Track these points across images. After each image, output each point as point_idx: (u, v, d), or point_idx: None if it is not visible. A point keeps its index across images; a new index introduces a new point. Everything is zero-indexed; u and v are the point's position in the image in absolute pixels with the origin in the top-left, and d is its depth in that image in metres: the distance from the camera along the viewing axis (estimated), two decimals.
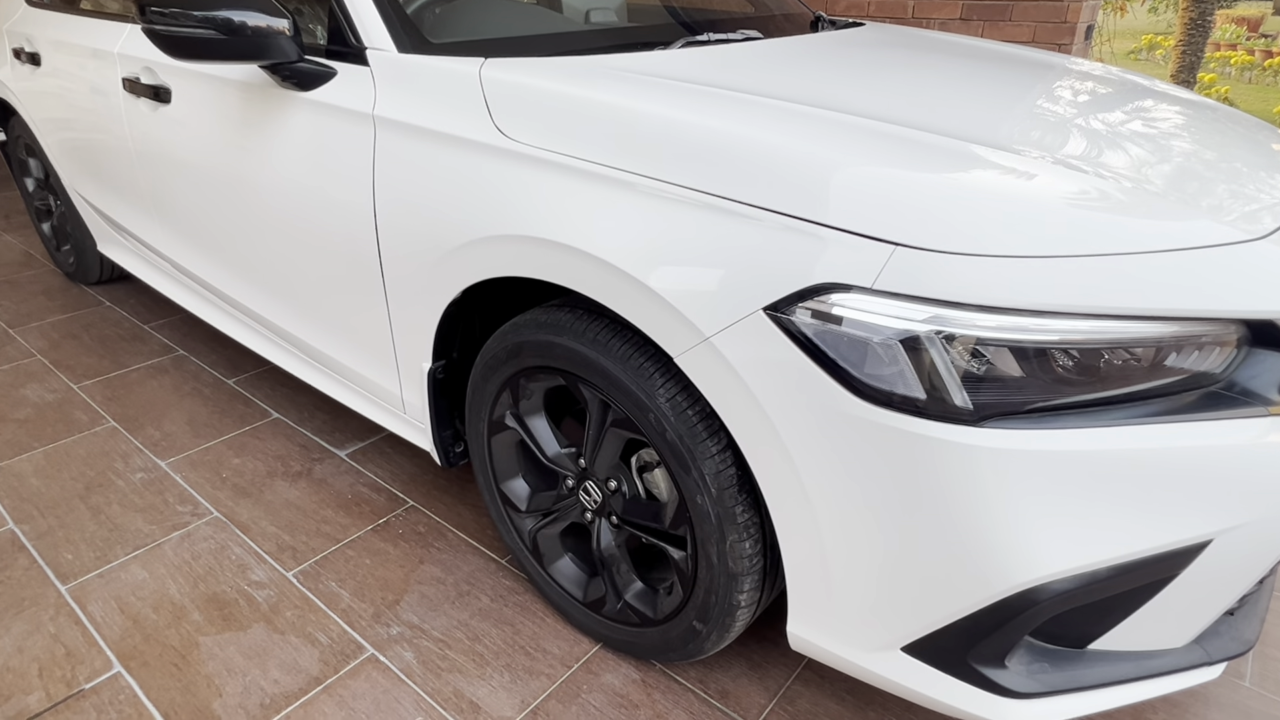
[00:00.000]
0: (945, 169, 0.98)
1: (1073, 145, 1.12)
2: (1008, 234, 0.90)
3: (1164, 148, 1.18)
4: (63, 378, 2.36)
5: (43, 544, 1.68)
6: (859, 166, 0.97)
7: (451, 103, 1.28)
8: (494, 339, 1.34)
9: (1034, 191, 0.96)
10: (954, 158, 1.01)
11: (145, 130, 1.97)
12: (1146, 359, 0.92)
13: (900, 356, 0.89)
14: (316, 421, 2.14)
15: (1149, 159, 1.13)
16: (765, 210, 0.97)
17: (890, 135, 1.05)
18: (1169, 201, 0.99)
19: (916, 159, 1.00)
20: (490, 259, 1.22)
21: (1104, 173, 1.04)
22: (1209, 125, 1.36)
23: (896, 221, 0.91)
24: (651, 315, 1.04)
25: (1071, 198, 0.96)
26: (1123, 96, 1.47)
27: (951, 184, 0.95)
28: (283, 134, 1.54)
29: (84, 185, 2.52)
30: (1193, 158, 1.16)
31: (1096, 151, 1.12)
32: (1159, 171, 1.09)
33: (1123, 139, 1.19)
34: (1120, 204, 0.97)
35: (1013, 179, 0.98)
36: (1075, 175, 1.01)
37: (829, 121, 1.08)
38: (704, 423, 1.09)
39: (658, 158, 1.06)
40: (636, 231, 1.04)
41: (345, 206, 1.44)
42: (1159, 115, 1.37)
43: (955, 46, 1.79)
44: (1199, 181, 1.08)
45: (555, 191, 1.13)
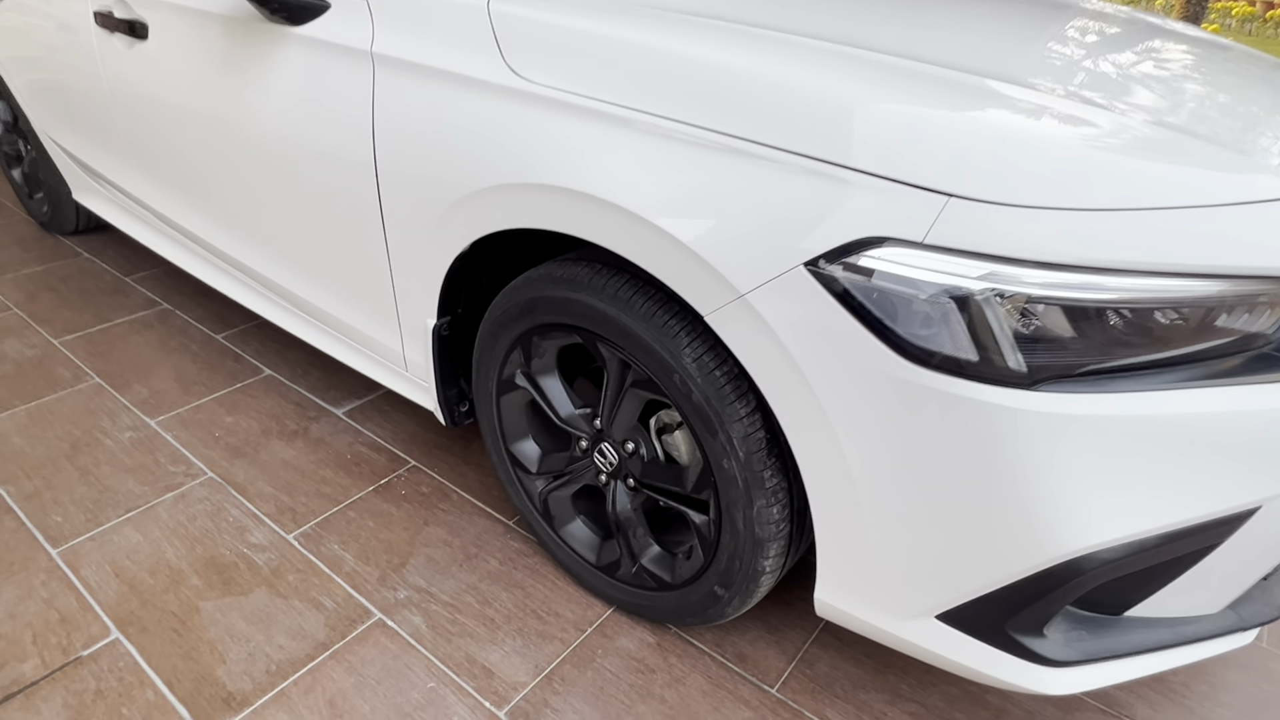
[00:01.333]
0: (999, 114, 0.91)
1: (1115, 87, 1.05)
2: (1068, 185, 0.84)
3: (1205, 92, 1.12)
4: (42, 332, 2.26)
5: (30, 506, 1.62)
6: (908, 111, 0.90)
7: (458, 39, 1.19)
8: (504, 294, 1.27)
9: (1086, 137, 0.89)
10: (998, 99, 0.94)
11: (120, 69, 1.85)
12: (1198, 319, 0.87)
13: (952, 316, 0.84)
14: (311, 379, 2.07)
15: (1193, 103, 1.06)
16: (808, 158, 0.90)
17: (939, 78, 0.98)
18: (1220, 150, 0.94)
19: (968, 103, 0.93)
20: (502, 209, 1.15)
21: (1150, 117, 0.97)
22: (1239, 68, 1.30)
23: (950, 170, 0.85)
24: (680, 271, 0.97)
25: (1124, 145, 0.90)
26: (1150, 38, 1.40)
27: (1008, 130, 0.88)
28: (271, 72, 1.44)
29: (56, 129, 2.39)
30: (1251, 108, 1.10)
31: (1140, 94, 1.05)
32: (1204, 116, 1.02)
33: (1163, 82, 1.12)
34: (1173, 152, 0.91)
35: (1071, 126, 0.91)
36: (1124, 119, 0.95)
37: (873, 63, 1.00)
38: (732, 384, 1.04)
39: (689, 100, 0.98)
40: (665, 180, 0.97)
41: (342, 153, 1.35)
42: (1191, 58, 1.31)
43: None
44: (1263, 134, 1.02)
45: (575, 136, 1.05)
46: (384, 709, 1.23)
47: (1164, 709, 1.27)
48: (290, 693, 1.25)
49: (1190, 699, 1.29)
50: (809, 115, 0.91)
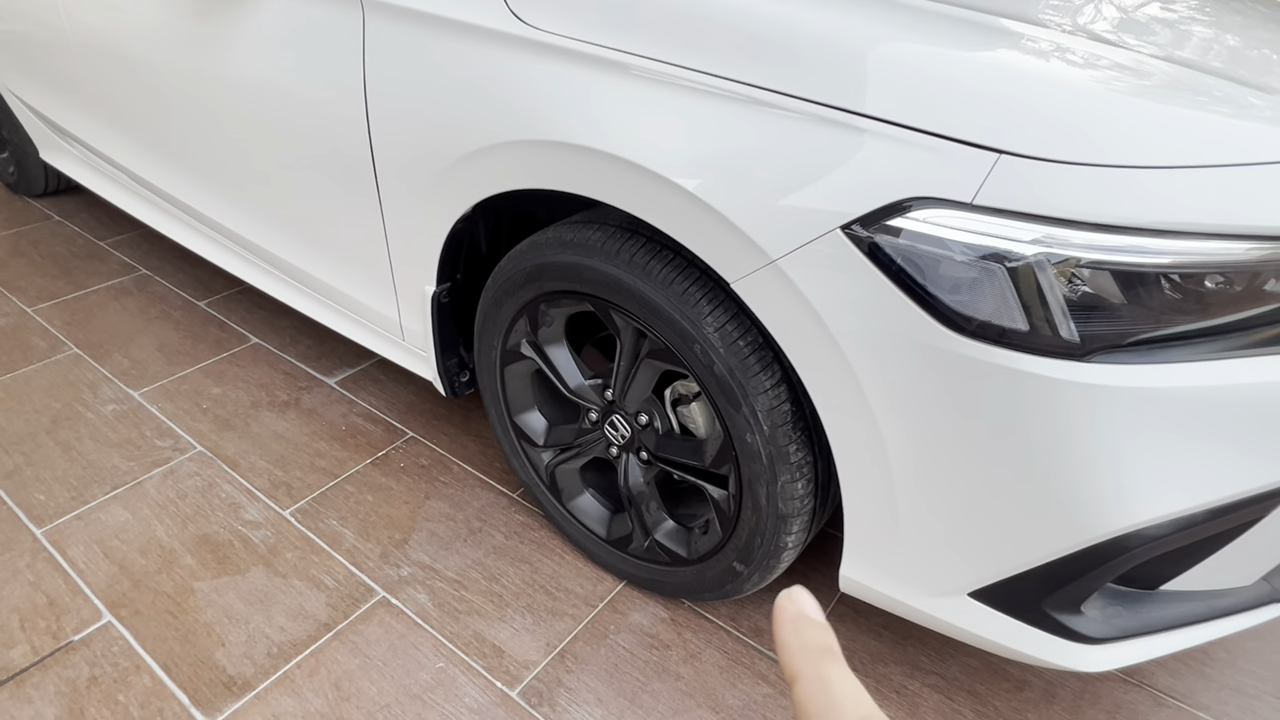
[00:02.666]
0: (1049, 64, 0.85)
1: (1188, 41, 0.99)
2: (1127, 141, 0.78)
3: (1267, 48, 1.06)
4: (14, 300, 2.16)
5: (10, 484, 1.55)
6: (954, 60, 0.83)
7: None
8: (509, 260, 1.20)
9: (1140, 89, 0.83)
10: (1057, 51, 0.88)
11: (86, 18, 1.73)
12: (1251, 284, 0.82)
13: (1003, 282, 0.78)
14: (300, 346, 1.99)
15: (1255, 58, 1.00)
16: (845, 111, 0.83)
17: (985, 25, 0.91)
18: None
19: (1017, 53, 0.86)
20: (507, 169, 1.07)
21: (1219, 73, 0.91)
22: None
23: (1001, 125, 0.78)
24: (706, 236, 0.91)
25: (1193, 100, 0.84)
26: None
27: (1059, 81, 0.82)
28: (251, 21, 1.34)
29: (19, 85, 2.25)
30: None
31: (1209, 51, 0.99)
32: (1268, 70, 0.96)
33: (1217, 32, 1.06)
34: (1241, 109, 0.85)
35: (1127, 77, 0.85)
36: (1194, 76, 0.89)
37: (918, 8, 0.93)
38: (756, 354, 0.98)
39: (712, 48, 0.91)
40: (689, 138, 0.90)
41: (330, 108, 1.26)
42: (1255, 11, 1.24)
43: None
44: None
45: (588, 89, 0.97)
46: (392, 690, 1.19)
47: (1184, 677, 1.26)
48: (294, 675, 1.21)
49: (1211, 666, 1.28)
50: (846, 65, 0.84)
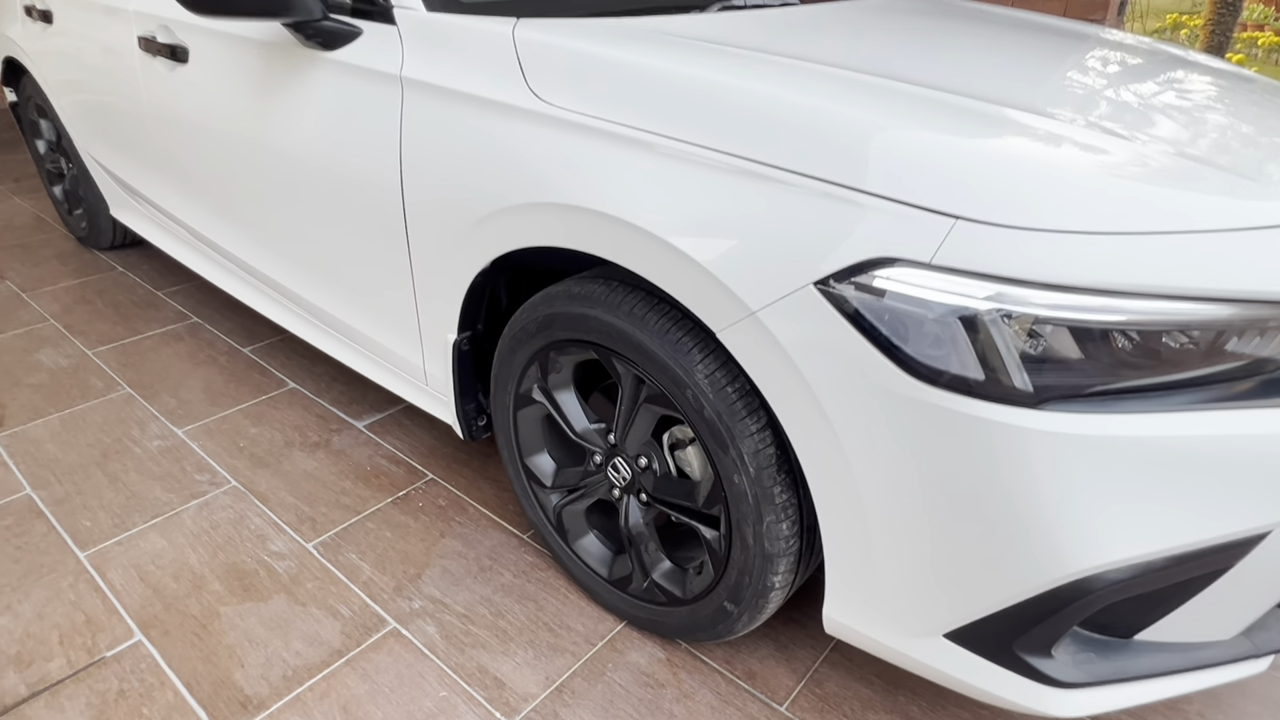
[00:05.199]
0: (1004, 138, 0.94)
1: (1133, 117, 1.07)
2: (1073, 208, 0.86)
3: (1226, 122, 1.13)
4: (77, 343, 2.33)
5: (60, 510, 1.67)
6: (914, 134, 0.92)
7: (483, 64, 1.24)
8: (523, 311, 1.30)
9: (1099, 164, 0.91)
10: (1012, 126, 0.97)
11: (161, 91, 1.93)
12: (1207, 342, 0.88)
13: (959, 335, 0.85)
14: (334, 392, 2.11)
15: (1213, 133, 1.08)
16: (816, 180, 0.92)
17: (944, 103, 1.00)
18: (1236, 178, 0.95)
19: (973, 127, 0.95)
20: (523, 227, 1.18)
21: (1167, 146, 0.99)
22: (1262, 99, 1.31)
23: (956, 193, 0.87)
24: (694, 288, 1.00)
25: (1137, 171, 0.92)
26: (1173, 68, 1.41)
27: (1013, 153, 0.91)
28: (305, 95, 1.50)
29: (97, 148, 2.48)
30: (1258, 132, 1.11)
31: (1158, 124, 1.07)
32: (1224, 146, 1.04)
33: (1183, 112, 1.14)
34: (1187, 179, 0.92)
35: (1076, 150, 0.93)
36: (1139, 148, 0.97)
37: (880, 88, 1.03)
38: (743, 400, 1.06)
39: (701, 123, 1.01)
40: (679, 200, 1.00)
41: (370, 172, 1.40)
42: (1214, 89, 1.32)
43: (995, 15, 1.73)
44: (1268, 158, 1.03)
45: (593, 157, 1.09)
46: (397, 716, 1.24)
47: None
48: (305, 698, 1.27)
49: None
50: (819, 139, 0.94)
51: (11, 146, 4.36)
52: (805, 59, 1.13)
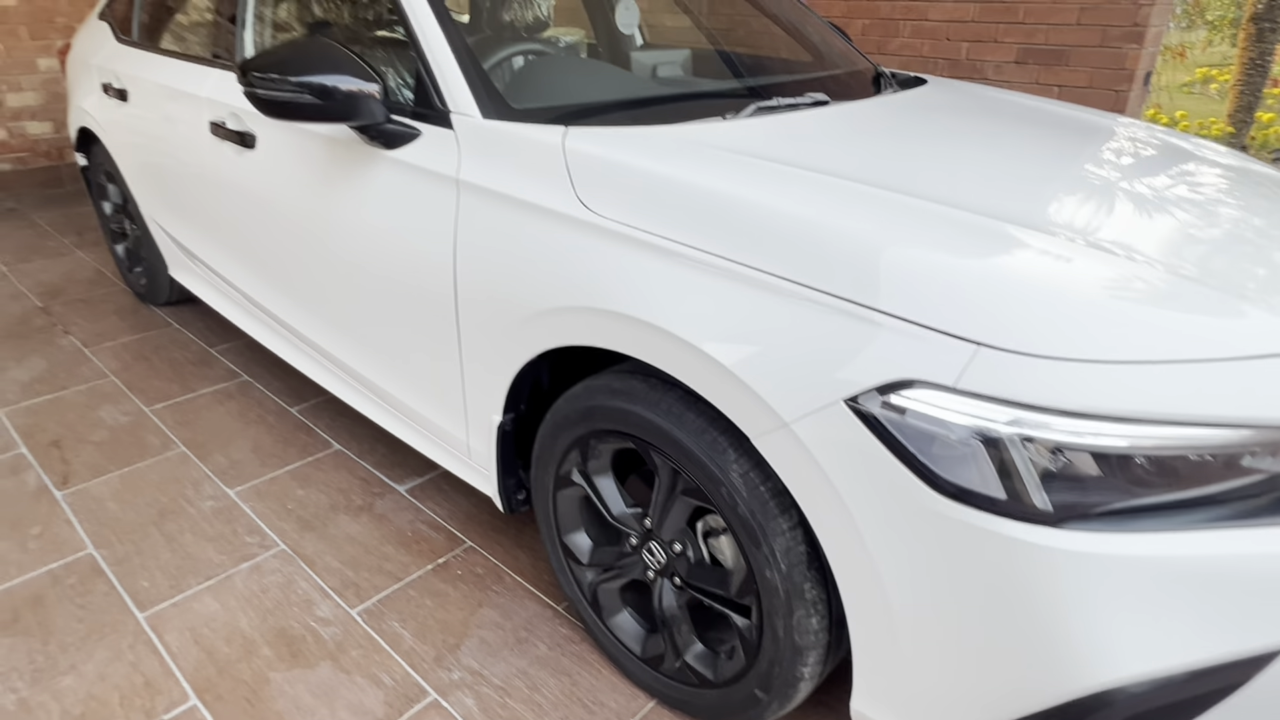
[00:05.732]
0: (1021, 260, 1.00)
1: (1148, 233, 1.13)
2: (1092, 337, 0.91)
3: (1238, 234, 1.19)
4: (135, 400, 2.46)
5: (121, 570, 1.76)
6: (942, 261, 0.99)
7: (535, 172, 1.33)
8: (565, 400, 1.38)
9: (1118, 292, 0.97)
10: (1036, 251, 1.03)
11: (229, 171, 2.06)
12: (1223, 461, 0.92)
13: (981, 456, 0.91)
14: (376, 455, 2.20)
15: (1227, 249, 1.13)
16: (849, 302, 0.99)
17: (973, 226, 1.07)
18: (1248, 303, 1.00)
19: (992, 248, 1.02)
20: (568, 328, 1.26)
21: (1189, 271, 1.05)
22: (1272, 198, 1.36)
23: (979, 320, 0.93)
24: (731, 397, 1.07)
25: (1152, 296, 0.97)
26: (1186, 170, 1.47)
27: (1034, 281, 0.97)
28: (366, 188, 1.61)
29: (162, 215, 2.63)
30: (1271, 244, 1.16)
31: (1172, 240, 1.12)
32: (1237, 263, 1.09)
33: (1195, 226, 1.20)
34: (1201, 305, 0.98)
35: (1097, 277, 0.99)
36: (1154, 271, 1.02)
37: (911, 209, 1.10)
38: (776, 499, 1.12)
39: (740, 241, 1.09)
40: (719, 314, 1.07)
41: (426, 264, 1.49)
42: (1227, 192, 1.37)
43: (1022, 111, 1.81)
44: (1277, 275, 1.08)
45: (637, 268, 1.17)
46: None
47: None
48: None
49: None
50: (847, 260, 1.01)
51: (75, 200, 4.59)
52: (834, 173, 1.21)
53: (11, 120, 4.54)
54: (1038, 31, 3.62)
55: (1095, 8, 3.45)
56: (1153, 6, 3.35)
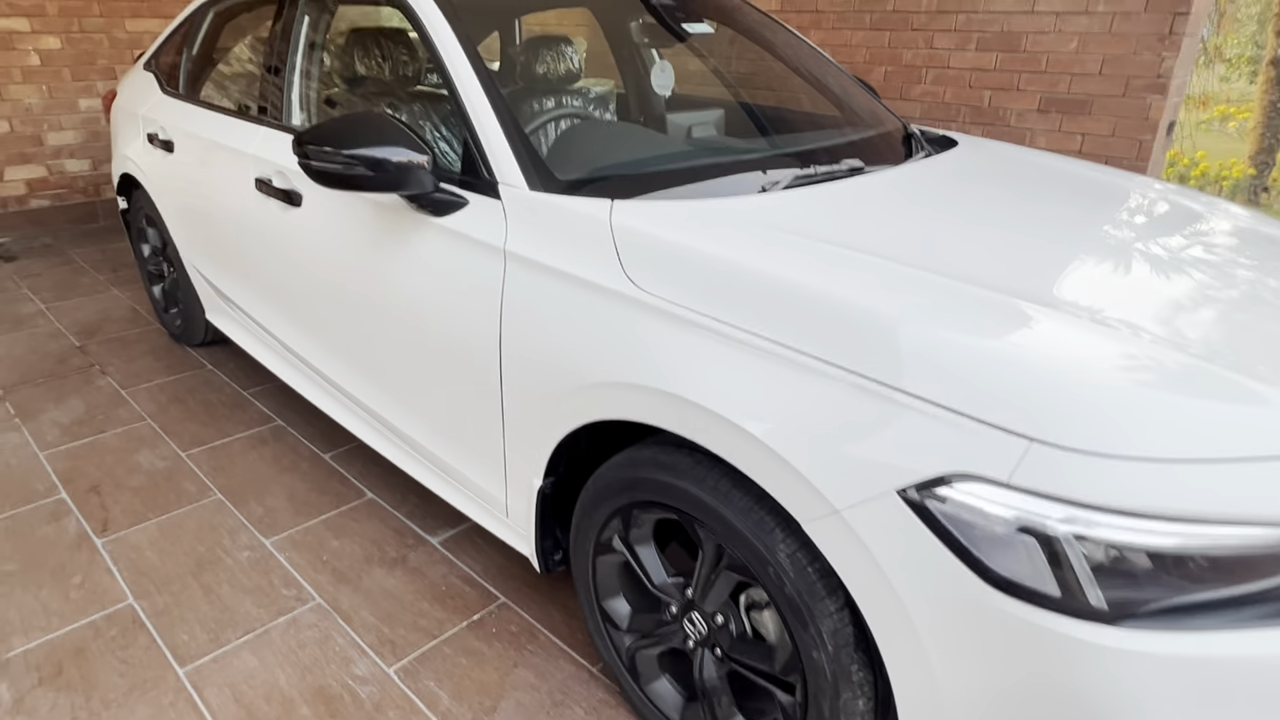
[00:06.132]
0: (1078, 355, 1.01)
1: (1207, 325, 1.14)
2: (1147, 435, 0.92)
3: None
4: (171, 444, 2.49)
5: (161, 622, 1.78)
6: (994, 351, 1.01)
7: (582, 246, 1.36)
8: (608, 469, 1.39)
9: (1175, 386, 0.98)
10: (1087, 340, 1.04)
11: (273, 226, 2.12)
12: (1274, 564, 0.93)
13: (1035, 552, 0.92)
14: (409, 505, 2.22)
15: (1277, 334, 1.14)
16: (901, 391, 1.01)
17: (1025, 314, 1.09)
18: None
19: (1051, 342, 1.03)
20: (615, 403, 1.28)
21: (1243, 364, 1.06)
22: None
23: (1032, 414, 0.94)
24: (781, 481, 1.08)
25: (1213, 394, 0.98)
26: (1243, 249, 1.48)
27: (1087, 376, 0.98)
28: (413, 252, 1.65)
29: (202, 261, 2.69)
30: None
31: (1233, 335, 1.13)
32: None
33: (1261, 320, 1.20)
34: (1262, 401, 0.99)
35: (1151, 370, 1.01)
36: (1216, 367, 1.03)
37: (961, 295, 1.12)
38: (823, 580, 1.12)
39: (790, 325, 1.11)
40: (770, 398, 1.09)
41: (471, 331, 1.52)
42: (1266, 265, 1.38)
43: (1059, 177, 1.82)
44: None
45: (686, 347, 1.19)
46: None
47: None
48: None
49: None
50: (899, 347, 1.03)
51: (110, 235, 4.70)
52: (880, 254, 1.24)
53: (51, 158, 4.67)
54: (1060, 81, 3.66)
55: (1118, 59, 3.49)
56: (1176, 58, 3.38)
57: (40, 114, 4.56)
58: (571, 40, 2.49)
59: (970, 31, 3.88)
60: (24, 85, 4.47)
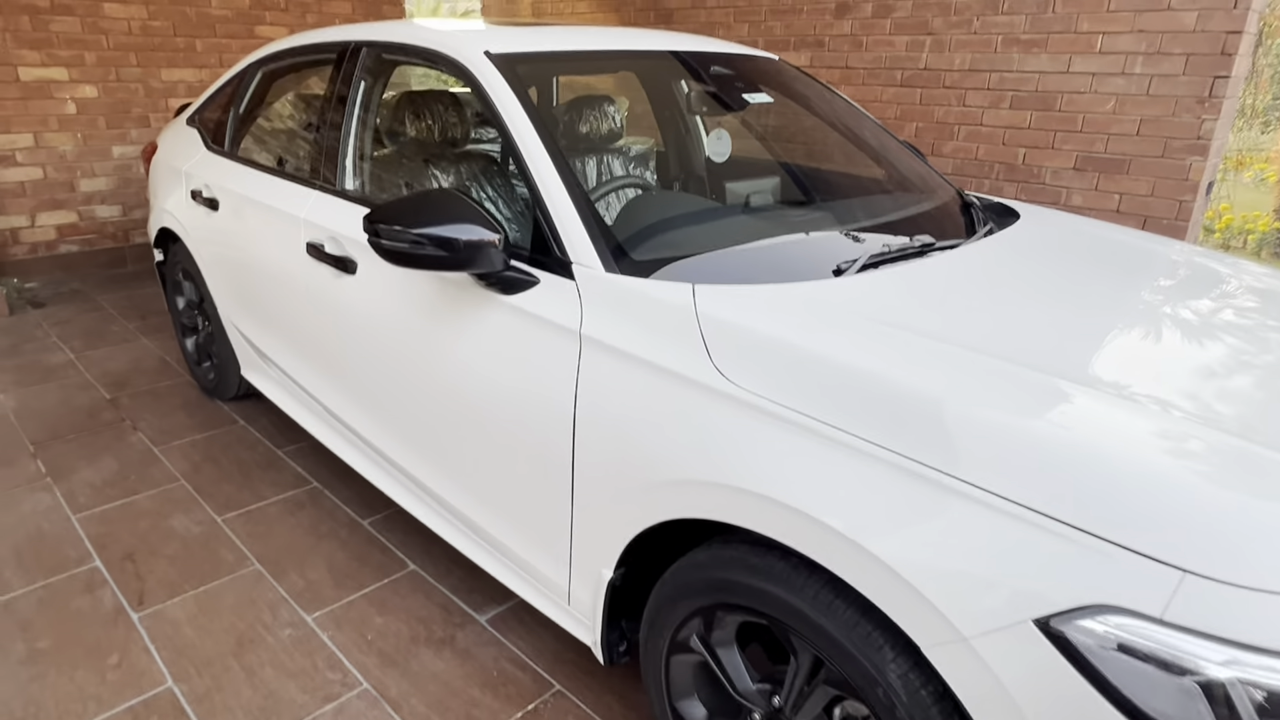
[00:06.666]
0: (1233, 479, 0.95)
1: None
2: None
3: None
4: (206, 508, 2.43)
5: (203, 709, 1.70)
6: (1143, 473, 0.95)
7: (666, 333, 1.31)
8: (690, 566, 1.33)
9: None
10: (1240, 464, 0.98)
11: (323, 292, 2.08)
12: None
13: (1195, 696, 0.85)
14: (453, 577, 2.14)
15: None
16: (1039, 514, 0.95)
17: (1176, 431, 1.02)
18: None
19: (1202, 466, 0.97)
20: (703, 501, 1.22)
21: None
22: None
23: (1186, 543, 0.88)
24: (899, 601, 1.02)
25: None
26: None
27: (1243, 501, 0.92)
28: (479, 330, 1.60)
29: (241, 319, 2.66)
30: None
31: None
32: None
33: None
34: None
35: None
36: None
37: (1095, 406, 1.06)
38: (939, 704, 1.05)
39: (905, 434, 1.06)
40: (885, 511, 1.03)
41: (541, 415, 1.47)
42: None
43: (1141, 254, 1.77)
44: None
45: (787, 448, 1.13)
46: None
47: None
48: None
49: None
50: (1036, 466, 0.97)
51: (138, 281, 4.69)
52: (986, 349, 1.18)
53: (83, 204, 4.69)
54: (1097, 140, 3.65)
55: (1156, 120, 3.48)
56: (1217, 120, 3.37)
57: (74, 160, 4.59)
58: (614, 100, 2.48)
59: (1004, 90, 3.89)
60: (59, 133, 4.50)
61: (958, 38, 3.97)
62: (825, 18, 4.44)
